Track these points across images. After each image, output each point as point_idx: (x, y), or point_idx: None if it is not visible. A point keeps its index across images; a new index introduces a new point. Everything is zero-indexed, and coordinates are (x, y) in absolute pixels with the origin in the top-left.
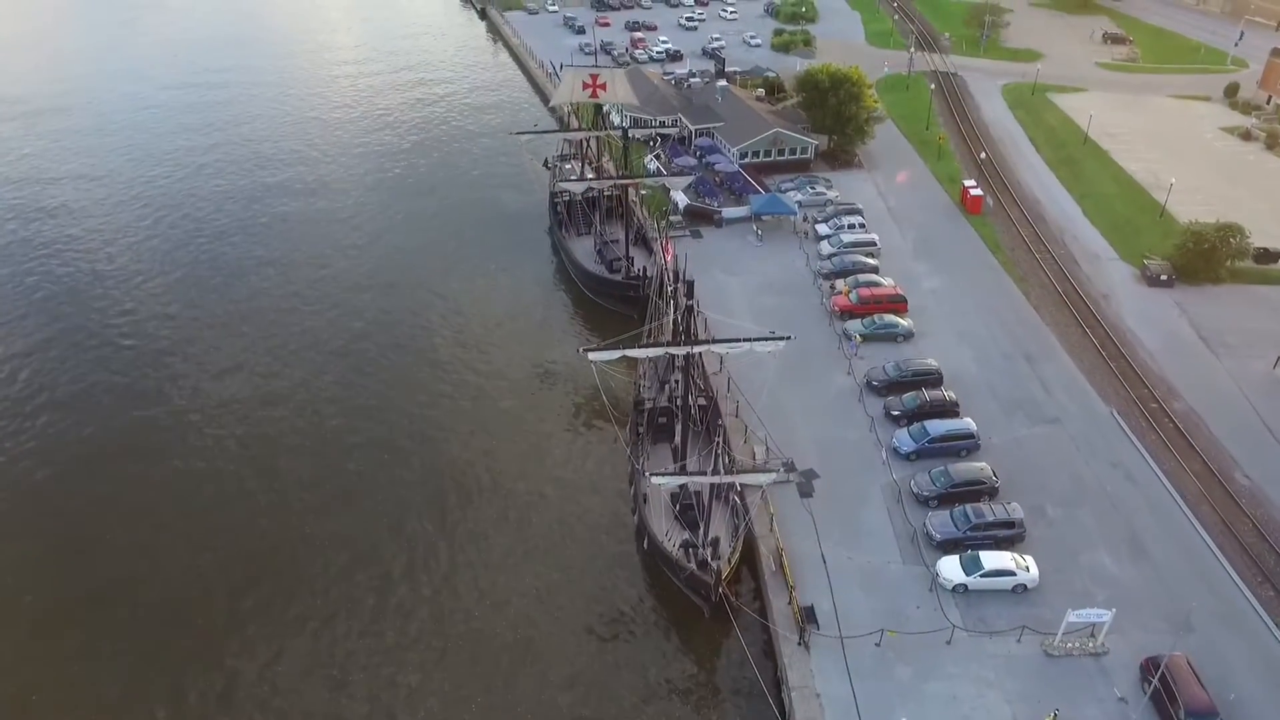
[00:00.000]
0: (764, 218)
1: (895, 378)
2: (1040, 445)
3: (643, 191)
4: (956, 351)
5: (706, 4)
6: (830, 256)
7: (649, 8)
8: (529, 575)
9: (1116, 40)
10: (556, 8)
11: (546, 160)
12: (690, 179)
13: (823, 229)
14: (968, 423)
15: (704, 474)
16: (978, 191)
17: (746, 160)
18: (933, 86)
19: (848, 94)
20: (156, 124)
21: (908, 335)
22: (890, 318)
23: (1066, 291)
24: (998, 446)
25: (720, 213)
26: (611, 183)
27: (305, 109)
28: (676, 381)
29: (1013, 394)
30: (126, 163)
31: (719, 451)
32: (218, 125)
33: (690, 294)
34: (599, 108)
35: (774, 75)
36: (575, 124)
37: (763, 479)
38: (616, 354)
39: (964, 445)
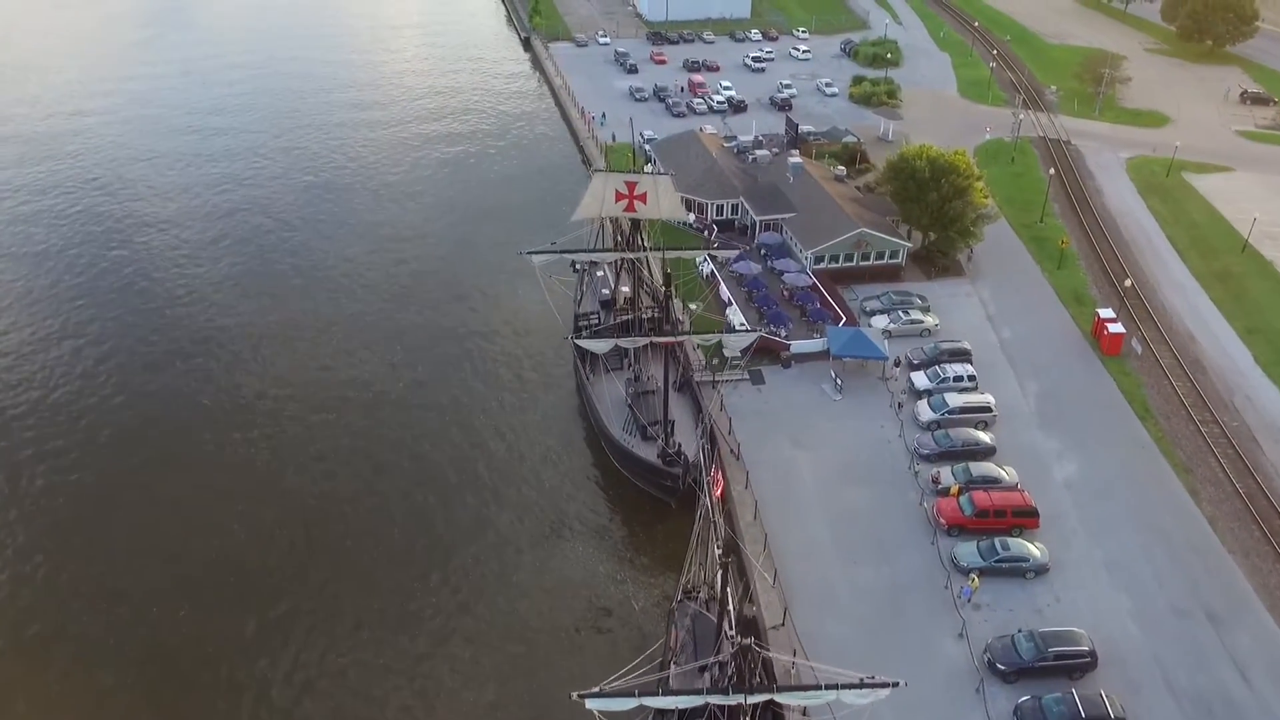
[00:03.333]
0: (845, 360)
1: (1030, 660)
2: None
3: (696, 345)
4: (1108, 600)
5: (776, 39)
6: (932, 426)
7: (711, 42)
8: None
9: (1259, 101)
10: (608, 40)
11: (574, 263)
12: (752, 337)
13: (920, 379)
14: None
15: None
16: (1118, 328)
17: (823, 265)
18: (1051, 172)
19: (953, 188)
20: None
21: (1040, 570)
22: (1018, 544)
23: (1250, 493)
24: None
25: (789, 348)
26: (648, 341)
27: (296, 172)
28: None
29: (1195, 683)
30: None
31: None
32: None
33: (754, 632)
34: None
35: (855, 141)
36: (603, 225)
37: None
38: (631, 703)
39: None
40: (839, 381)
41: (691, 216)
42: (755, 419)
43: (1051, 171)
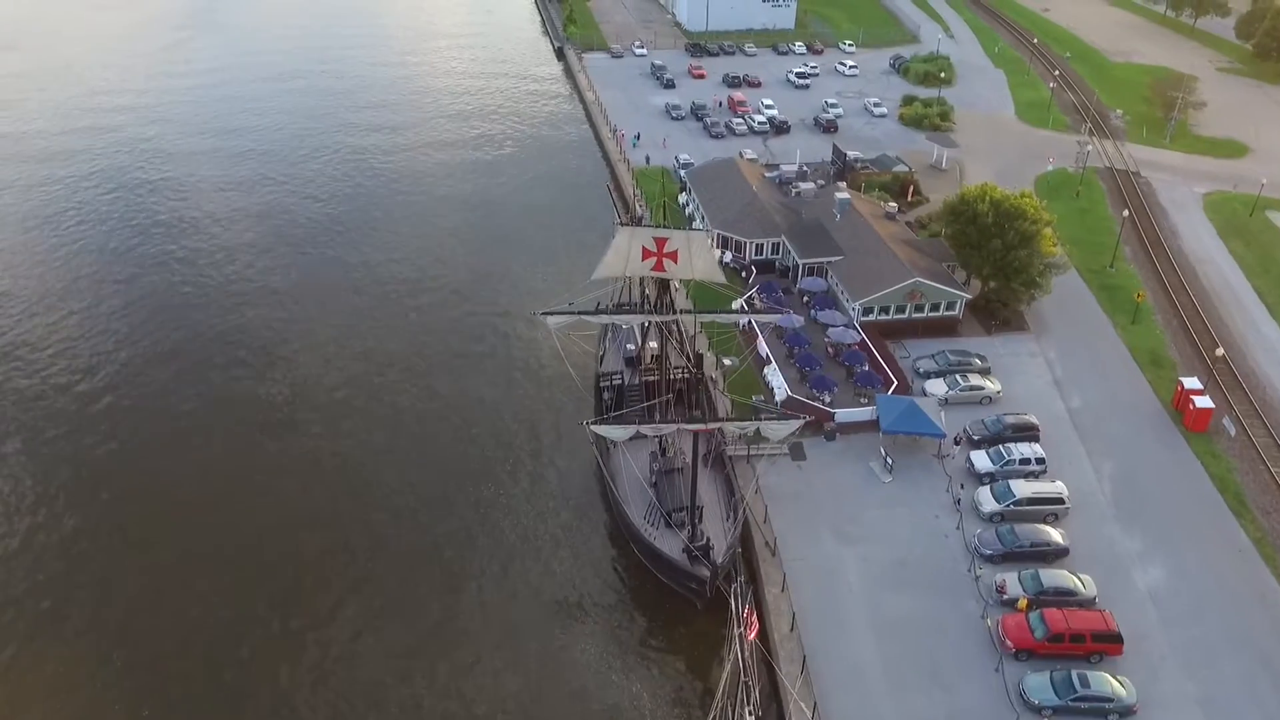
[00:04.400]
0: (897, 436)
1: None
2: None
3: (736, 432)
4: None
5: (821, 52)
6: (995, 518)
7: (753, 55)
8: None
9: None
10: (645, 51)
11: (597, 304)
12: (795, 425)
13: (982, 460)
14: None
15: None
16: (1205, 402)
17: (871, 318)
18: (1125, 214)
19: (1019, 235)
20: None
21: (1126, 712)
22: (1100, 679)
23: None
24: None
25: (834, 417)
26: (676, 427)
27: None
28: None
29: None
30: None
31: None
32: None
33: None
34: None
35: (907, 171)
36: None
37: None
38: None
39: None
40: (889, 460)
41: (729, 255)
42: (794, 504)
43: (1126, 213)
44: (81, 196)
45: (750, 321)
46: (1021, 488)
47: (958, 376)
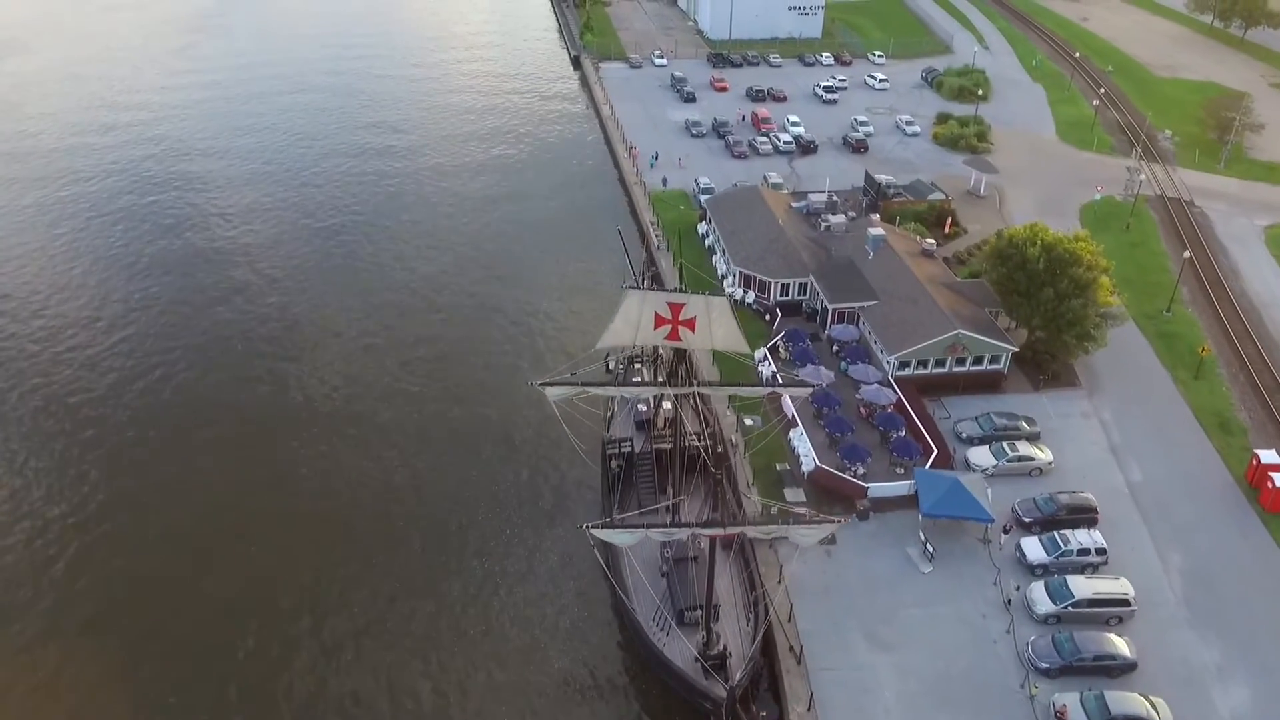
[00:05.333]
0: (937, 520)
1: None
2: None
3: (755, 535)
4: None
5: (849, 63)
6: (1050, 620)
7: (778, 65)
8: None
9: None
10: (665, 61)
11: (608, 361)
12: (827, 531)
13: (1033, 548)
14: None
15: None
16: None
17: (908, 372)
18: (1186, 255)
19: (1073, 284)
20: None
21: None
22: None
23: None
24: None
25: (866, 493)
26: (690, 531)
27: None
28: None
29: None
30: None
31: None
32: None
33: None
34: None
35: (944, 199)
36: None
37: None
38: None
39: None
40: (929, 547)
41: (751, 295)
42: (823, 600)
43: (1187, 254)
44: (118, 200)
45: (774, 373)
46: (1081, 586)
47: (1005, 445)
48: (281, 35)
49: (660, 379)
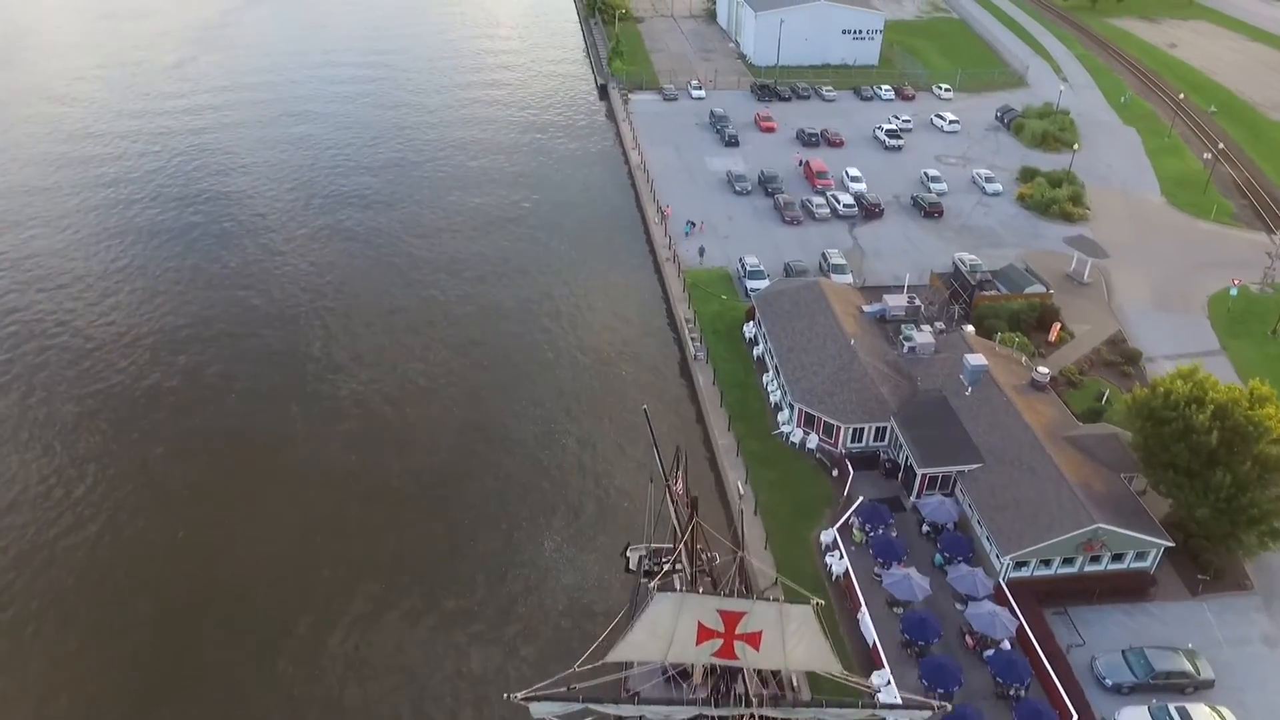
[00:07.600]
0: None
1: None
2: None
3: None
4: None
5: (912, 97)
6: None
7: (831, 99)
8: None
9: None
10: (703, 93)
11: (626, 555)
12: None
13: None
14: None
15: None
16: None
17: (1024, 573)
18: None
19: (1258, 465)
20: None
21: None
22: None
23: None
24: None
25: None
26: None
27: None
28: None
29: None
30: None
31: None
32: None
33: None
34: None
35: (1044, 292)
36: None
37: None
38: None
39: None
40: None
41: (814, 439)
42: None
43: None
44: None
45: (847, 569)
46: None
47: (1171, 710)
48: (286, 53)
49: (701, 694)
